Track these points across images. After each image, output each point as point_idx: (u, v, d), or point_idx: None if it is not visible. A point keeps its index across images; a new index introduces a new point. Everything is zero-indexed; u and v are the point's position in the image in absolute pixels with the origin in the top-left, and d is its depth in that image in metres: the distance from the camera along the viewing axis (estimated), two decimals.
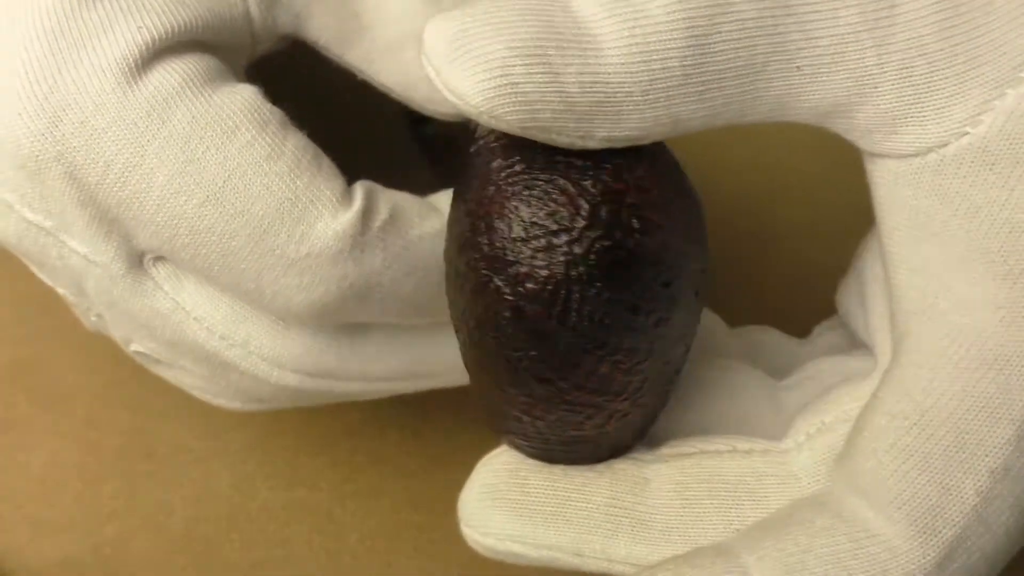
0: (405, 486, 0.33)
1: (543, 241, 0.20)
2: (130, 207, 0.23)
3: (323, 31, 0.26)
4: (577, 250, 0.20)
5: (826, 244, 0.31)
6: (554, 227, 0.20)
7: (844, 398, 0.23)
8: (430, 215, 0.25)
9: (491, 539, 0.24)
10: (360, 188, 0.24)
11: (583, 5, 0.20)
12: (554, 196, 0.20)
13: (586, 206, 0.20)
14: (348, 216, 0.23)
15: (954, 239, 0.20)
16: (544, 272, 0.20)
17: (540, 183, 0.20)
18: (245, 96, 0.23)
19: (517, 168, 0.20)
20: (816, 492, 0.22)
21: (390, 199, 0.24)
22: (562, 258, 0.20)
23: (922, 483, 0.20)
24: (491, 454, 0.25)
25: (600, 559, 0.23)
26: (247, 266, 0.23)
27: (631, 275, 0.21)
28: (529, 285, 0.20)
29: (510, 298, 0.21)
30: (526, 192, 0.20)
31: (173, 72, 0.23)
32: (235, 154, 0.23)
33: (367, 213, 0.23)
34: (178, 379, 0.28)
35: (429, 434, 0.34)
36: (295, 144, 0.23)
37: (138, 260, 0.24)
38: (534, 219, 0.20)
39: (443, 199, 0.26)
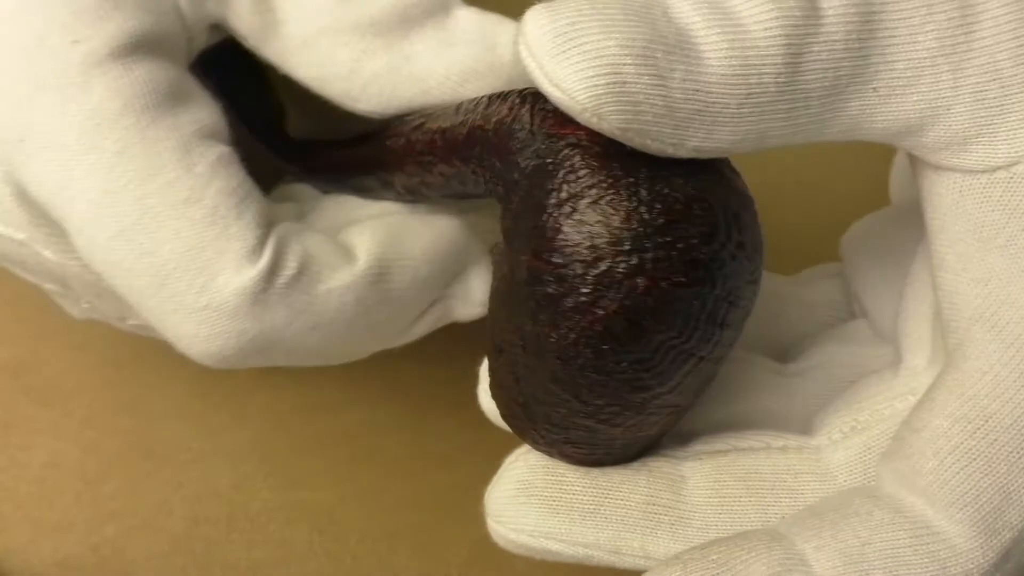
0: (405, 486, 0.33)
1: (663, 252, 0.20)
2: (62, 227, 0.23)
3: (242, 22, 0.26)
4: (699, 256, 0.20)
5: (824, 244, 0.31)
6: (670, 236, 0.20)
7: (877, 397, 0.24)
8: (342, 266, 0.24)
9: (524, 536, 0.23)
10: (273, 238, 0.24)
11: (683, 13, 0.20)
12: (669, 204, 0.20)
13: (700, 213, 0.20)
14: (251, 273, 0.23)
15: (1021, 252, 0.21)
16: (666, 283, 0.20)
17: (650, 192, 0.20)
18: (181, 134, 0.23)
19: (624, 180, 0.20)
20: (864, 487, 0.22)
21: (302, 250, 0.24)
22: (683, 267, 0.20)
23: (985, 486, 0.21)
24: (518, 452, 0.24)
25: (638, 557, 0.23)
26: (152, 305, 0.23)
27: (738, 274, 0.20)
28: (650, 300, 0.20)
29: (627, 310, 0.20)
30: (635, 203, 0.20)
31: (116, 92, 0.23)
32: (153, 192, 0.23)
33: (273, 269, 0.23)
34: None
35: (428, 435, 0.34)
36: (219, 189, 0.23)
37: None
38: (649, 230, 0.19)
39: (356, 237, 0.25)
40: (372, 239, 0.25)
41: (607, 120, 0.19)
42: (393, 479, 0.34)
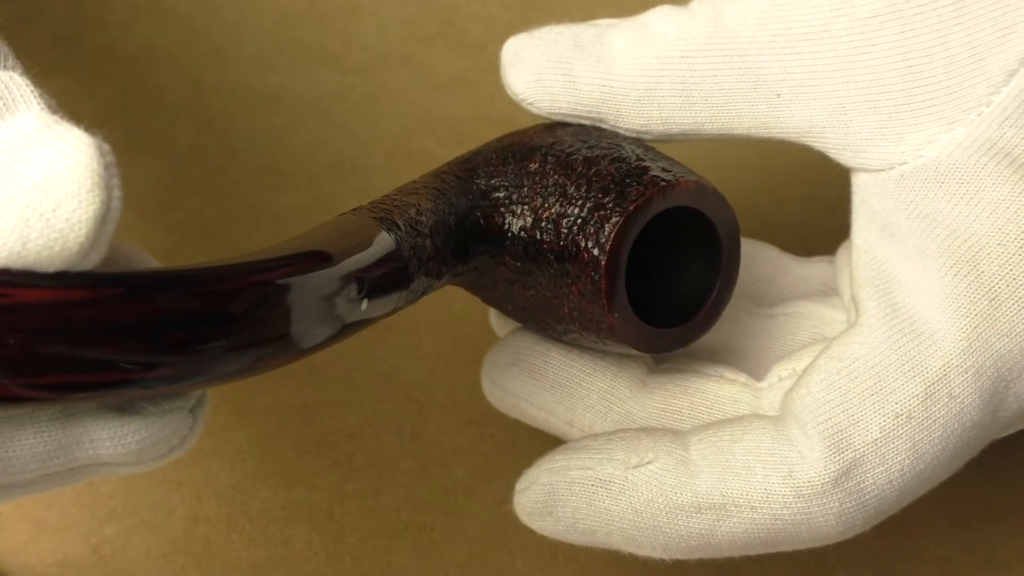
0: (405, 486, 0.34)
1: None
2: None
3: None
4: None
5: (820, 241, 0.32)
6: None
7: (815, 347, 0.27)
8: None
9: (507, 395, 0.28)
10: None
11: (614, 39, 0.27)
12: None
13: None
14: None
15: (906, 239, 0.26)
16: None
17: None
18: None
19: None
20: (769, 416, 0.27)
21: None
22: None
23: (838, 412, 0.25)
24: (515, 329, 0.29)
25: (585, 432, 0.28)
26: None
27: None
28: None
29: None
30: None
31: None
32: None
33: None
34: None
35: (428, 435, 0.34)
36: None
37: None
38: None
39: None
40: None
41: (536, 108, 0.28)
42: (393, 479, 0.34)
